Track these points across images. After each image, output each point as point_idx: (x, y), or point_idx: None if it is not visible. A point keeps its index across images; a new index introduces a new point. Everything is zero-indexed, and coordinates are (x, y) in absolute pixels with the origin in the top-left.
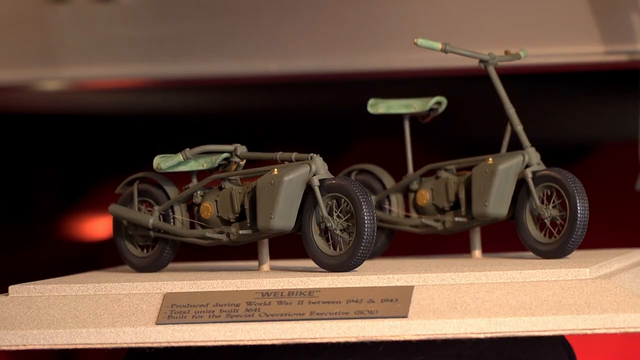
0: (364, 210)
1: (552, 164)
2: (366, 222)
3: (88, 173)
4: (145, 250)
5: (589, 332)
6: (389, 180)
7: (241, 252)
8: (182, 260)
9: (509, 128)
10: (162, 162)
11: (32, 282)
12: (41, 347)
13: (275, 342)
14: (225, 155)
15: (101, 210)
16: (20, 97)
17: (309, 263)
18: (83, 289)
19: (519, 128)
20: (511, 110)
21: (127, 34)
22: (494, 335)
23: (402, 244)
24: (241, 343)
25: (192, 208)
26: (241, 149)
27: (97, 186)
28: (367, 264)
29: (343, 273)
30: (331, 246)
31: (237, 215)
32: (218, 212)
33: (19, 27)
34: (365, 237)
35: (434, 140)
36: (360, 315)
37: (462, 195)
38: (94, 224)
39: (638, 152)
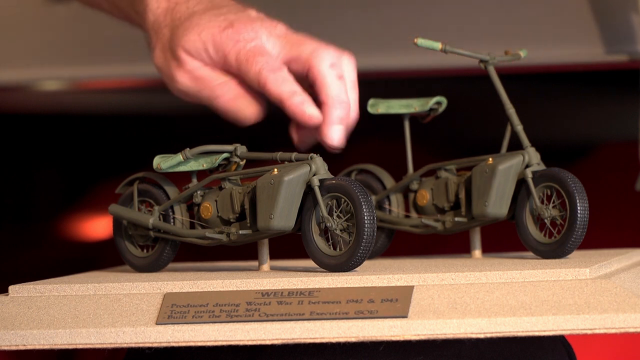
0: (364, 210)
1: (552, 164)
2: (366, 222)
3: (88, 173)
4: (145, 250)
5: (589, 332)
6: (389, 180)
7: (241, 252)
8: (182, 260)
9: (509, 128)
10: (162, 162)
11: (32, 282)
12: (41, 347)
13: (275, 342)
14: (225, 155)
15: (101, 210)
16: (20, 97)
17: (309, 263)
18: (83, 289)
19: (519, 128)
20: (511, 110)
21: (127, 34)
22: (494, 335)
23: (402, 244)
24: (241, 343)
25: (192, 208)
26: (241, 149)
27: (97, 186)
28: (367, 264)
29: (343, 273)
30: (331, 246)
31: (237, 215)
32: (218, 212)
33: (19, 27)
34: (365, 237)
35: (434, 140)
36: (360, 315)
37: (462, 195)
38: (94, 224)
39: (638, 152)
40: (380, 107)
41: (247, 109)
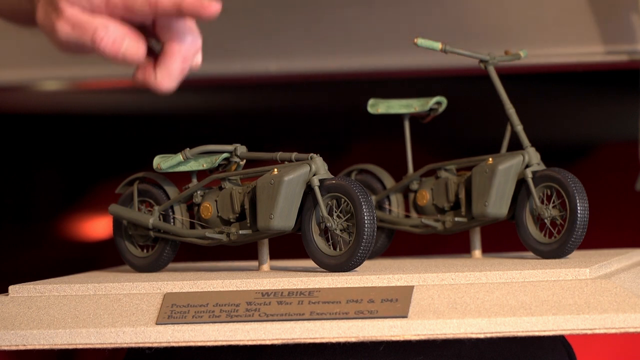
0: (364, 210)
1: (552, 164)
2: (366, 222)
3: (88, 173)
4: (145, 250)
5: (589, 332)
6: (389, 180)
7: (241, 252)
8: (182, 260)
9: (509, 128)
10: (162, 162)
11: (32, 282)
12: (41, 347)
13: (275, 342)
14: (225, 155)
15: (101, 210)
16: (20, 97)
17: (309, 263)
18: (83, 289)
19: (519, 128)
20: (511, 110)
21: None
22: (494, 335)
23: (402, 244)
24: (241, 343)
25: (192, 208)
26: (241, 149)
27: (97, 186)
28: (367, 264)
29: (343, 273)
30: (331, 246)
31: (237, 215)
32: (218, 212)
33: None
34: (365, 237)
35: (434, 140)
36: (360, 315)
37: (462, 195)
38: (94, 224)
39: (638, 152)
40: (380, 107)
41: (133, 49)
